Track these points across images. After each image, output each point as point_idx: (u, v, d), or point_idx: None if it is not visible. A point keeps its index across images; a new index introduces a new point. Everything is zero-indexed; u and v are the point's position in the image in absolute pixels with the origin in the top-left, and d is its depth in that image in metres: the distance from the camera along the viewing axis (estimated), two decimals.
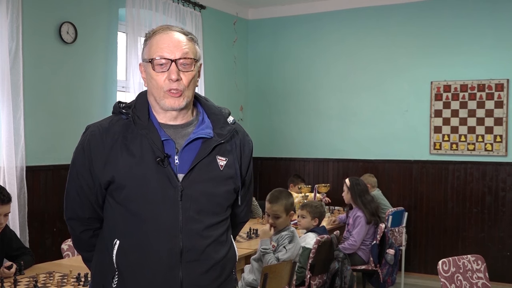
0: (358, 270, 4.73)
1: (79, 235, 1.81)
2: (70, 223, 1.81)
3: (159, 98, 1.70)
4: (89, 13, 4.91)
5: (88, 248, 1.83)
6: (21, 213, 4.20)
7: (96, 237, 1.80)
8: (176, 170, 1.69)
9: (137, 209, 1.67)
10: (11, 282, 2.81)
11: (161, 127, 1.73)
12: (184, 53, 1.70)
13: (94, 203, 1.75)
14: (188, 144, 1.72)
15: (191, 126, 1.76)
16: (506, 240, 5.82)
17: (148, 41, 1.74)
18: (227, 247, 1.79)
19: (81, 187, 1.73)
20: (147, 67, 1.72)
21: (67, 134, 4.65)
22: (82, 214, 1.77)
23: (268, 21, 7.09)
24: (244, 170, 1.85)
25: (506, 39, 5.81)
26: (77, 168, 1.74)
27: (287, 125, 6.99)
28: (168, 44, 1.70)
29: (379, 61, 6.42)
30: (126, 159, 1.67)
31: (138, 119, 1.71)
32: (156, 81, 1.70)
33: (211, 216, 1.72)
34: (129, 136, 1.70)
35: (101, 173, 1.68)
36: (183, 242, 1.66)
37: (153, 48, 1.71)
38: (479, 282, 2.93)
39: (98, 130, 1.72)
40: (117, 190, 1.68)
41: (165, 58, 1.68)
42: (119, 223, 1.70)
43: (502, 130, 5.81)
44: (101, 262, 1.75)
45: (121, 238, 1.68)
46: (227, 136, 1.77)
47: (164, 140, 1.70)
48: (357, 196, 4.78)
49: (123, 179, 1.66)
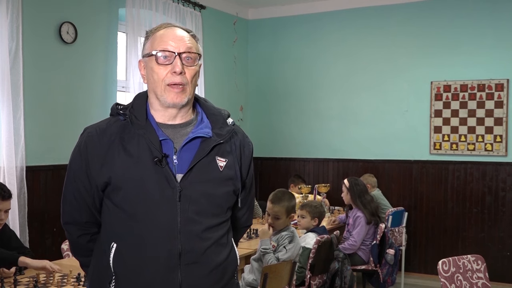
0: (358, 270, 4.73)
1: (77, 239, 1.78)
2: (67, 227, 1.78)
3: (161, 93, 1.68)
4: (89, 13, 4.91)
5: (86, 253, 1.80)
6: (21, 213, 4.20)
7: (94, 242, 1.77)
8: (174, 170, 1.66)
9: (134, 210, 1.64)
10: (11, 282, 2.81)
11: (159, 127, 1.70)
12: (188, 47, 1.69)
13: (92, 207, 1.72)
14: (187, 143, 1.69)
15: (190, 126, 1.73)
16: (506, 240, 5.82)
17: (150, 37, 1.73)
18: (228, 250, 1.75)
19: (78, 190, 1.71)
20: (149, 61, 1.70)
21: (67, 134, 4.64)
22: (80, 218, 1.74)
23: (268, 21, 7.09)
24: (245, 172, 1.82)
25: (506, 39, 5.81)
26: (73, 171, 1.72)
27: (287, 125, 6.99)
28: (172, 38, 1.69)
29: (379, 61, 6.42)
30: (123, 160, 1.64)
31: (135, 119, 1.69)
32: (157, 75, 1.67)
33: (210, 217, 1.68)
34: (126, 137, 1.67)
35: (98, 174, 1.66)
36: (182, 244, 1.63)
37: (156, 42, 1.69)
38: (479, 282, 2.93)
39: (95, 131, 1.70)
40: (114, 192, 1.65)
41: (169, 51, 1.67)
42: (116, 226, 1.67)
43: (502, 130, 5.81)
44: (98, 267, 1.71)
45: (118, 241, 1.65)
46: (226, 136, 1.75)
47: (162, 140, 1.67)
48: (356, 197, 4.77)
49: (120, 180, 1.63)
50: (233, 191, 1.75)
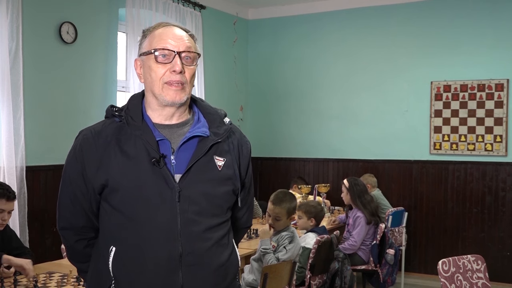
0: (358, 270, 4.73)
1: (73, 245, 1.75)
2: (63, 233, 1.75)
3: (159, 91, 1.66)
4: (89, 13, 4.91)
5: (83, 259, 1.76)
6: (21, 213, 4.20)
7: (91, 247, 1.74)
8: (173, 170, 1.64)
9: (133, 212, 1.61)
10: (11, 282, 2.81)
11: (156, 127, 1.68)
12: (187, 47, 1.68)
13: (88, 211, 1.69)
14: (184, 143, 1.67)
15: (187, 125, 1.72)
16: (506, 240, 5.82)
17: (148, 35, 1.71)
18: (229, 250, 1.73)
19: (74, 194, 1.68)
20: (147, 59, 1.68)
21: (67, 134, 4.63)
22: (76, 223, 1.70)
23: (268, 21, 7.09)
24: (244, 171, 1.81)
25: (506, 39, 5.81)
26: (69, 174, 1.70)
27: (287, 125, 6.98)
28: (171, 37, 1.68)
29: (379, 61, 6.42)
30: (120, 161, 1.62)
31: (131, 120, 1.67)
32: (156, 73, 1.66)
33: (210, 217, 1.66)
34: (123, 138, 1.65)
35: (94, 177, 1.63)
36: (183, 245, 1.60)
37: (155, 40, 1.68)
38: (479, 282, 2.93)
39: (90, 134, 1.68)
40: (111, 194, 1.63)
41: (169, 49, 1.65)
42: (114, 229, 1.64)
43: (502, 130, 5.81)
44: (96, 271, 1.68)
45: (117, 245, 1.63)
46: (223, 135, 1.73)
47: (159, 140, 1.65)
48: (356, 197, 4.77)
49: (117, 181, 1.61)
50: (232, 190, 1.73)
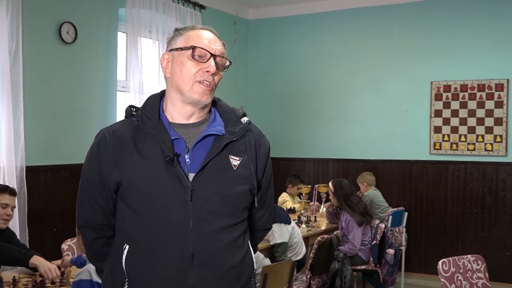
0: (358, 270, 4.73)
1: (91, 243, 1.76)
2: (82, 231, 1.78)
3: (188, 88, 1.67)
4: (89, 13, 4.91)
5: (101, 257, 1.77)
6: (21, 213, 4.20)
7: (109, 246, 1.74)
8: (187, 169, 1.64)
9: (146, 210, 1.62)
10: (10, 281, 2.81)
11: (172, 126, 1.69)
12: (222, 53, 1.72)
13: (105, 209, 1.71)
14: (199, 142, 1.67)
15: (203, 125, 1.72)
16: (506, 240, 5.82)
17: (184, 34, 1.72)
18: (244, 252, 1.70)
19: (91, 192, 1.71)
20: (180, 55, 1.70)
21: (67, 134, 4.65)
22: (93, 220, 1.72)
23: (268, 21, 7.09)
24: (261, 171, 1.78)
25: (506, 39, 5.81)
26: (87, 173, 1.72)
27: (287, 125, 6.98)
28: (209, 39, 1.70)
29: (379, 61, 6.42)
30: (135, 160, 1.64)
31: (147, 119, 1.68)
32: (188, 70, 1.67)
33: (224, 217, 1.65)
34: (138, 137, 1.66)
35: (110, 175, 1.65)
36: (194, 244, 1.60)
37: (194, 38, 1.70)
38: (479, 282, 2.93)
39: (107, 133, 1.70)
40: (126, 192, 1.65)
41: (206, 50, 1.68)
42: (128, 227, 1.65)
43: (502, 130, 5.81)
44: (111, 270, 1.70)
45: (130, 243, 1.64)
46: (239, 133, 1.72)
47: (174, 139, 1.66)
48: (342, 200, 4.72)
49: (132, 180, 1.63)
50: (249, 190, 1.71)
